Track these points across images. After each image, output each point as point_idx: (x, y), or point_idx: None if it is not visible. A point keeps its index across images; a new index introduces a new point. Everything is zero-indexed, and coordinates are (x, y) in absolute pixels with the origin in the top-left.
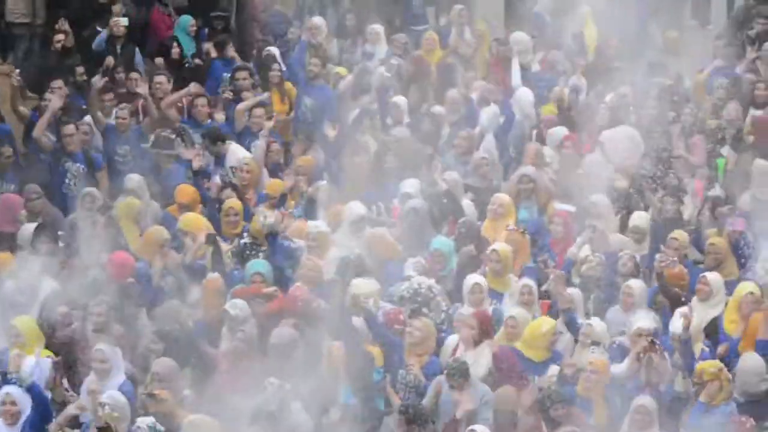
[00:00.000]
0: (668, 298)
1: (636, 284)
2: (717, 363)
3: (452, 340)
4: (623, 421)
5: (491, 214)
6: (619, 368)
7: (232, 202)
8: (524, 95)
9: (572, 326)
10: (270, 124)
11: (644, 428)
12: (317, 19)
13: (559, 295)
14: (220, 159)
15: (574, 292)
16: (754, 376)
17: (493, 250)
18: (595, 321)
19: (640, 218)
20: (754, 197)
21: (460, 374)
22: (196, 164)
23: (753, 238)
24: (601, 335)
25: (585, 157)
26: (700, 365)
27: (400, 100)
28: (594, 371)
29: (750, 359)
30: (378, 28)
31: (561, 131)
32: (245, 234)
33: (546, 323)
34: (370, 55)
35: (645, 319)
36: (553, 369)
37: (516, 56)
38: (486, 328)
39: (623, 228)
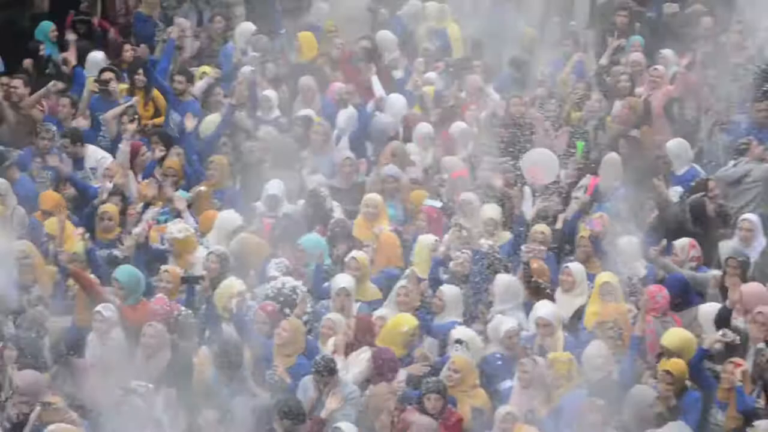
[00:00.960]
0: (530, 290)
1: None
2: (568, 354)
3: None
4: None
5: (364, 215)
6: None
7: (108, 206)
8: (396, 101)
9: (427, 328)
10: (133, 127)
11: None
12: (182, 21)
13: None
14: (78, 161)
15: (446, 289)
16: (598, 360)
17: (353, 257)
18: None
19: (492, 210)
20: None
21: (327, 371)
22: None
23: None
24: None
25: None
26: (552, 355)
27: (271, 94)
28: (456, 370)
29: (594, 346)
30: (249, 27)
31: (425, 128)
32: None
33: (406, 322)
34: (244, 52)
35: (509, 321)
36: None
37: (372, 62)
38: (365, 333)
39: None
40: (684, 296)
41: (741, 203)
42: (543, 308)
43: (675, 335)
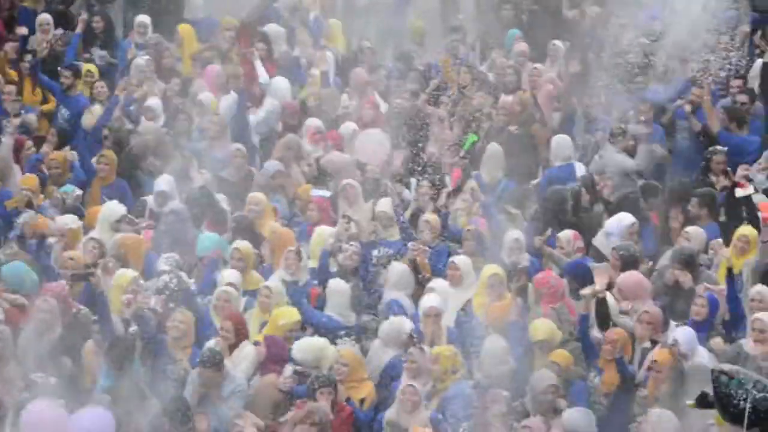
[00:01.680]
0: (419, 282)
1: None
2: (452, 347)
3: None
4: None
5: (250, 214)
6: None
7: None
8: (280, 84)
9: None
10: (17, 121)
11: (412, 410)
12: (44, 16)
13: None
14: None
15: (332, 283)
16: (495, 358)
17: (235, 248)
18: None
19: (385, 204)
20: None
21: (212, 363)
22: None
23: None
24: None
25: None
26: (437, 349)
27: (154, 103)
28: (344, 363)
29: (493, 341)
30: (146, 19)
31: (313, 122)
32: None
33: (283, 316)
34: (141, 46)
35: (408, 323)
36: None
37: (258, 51)
38: (241, 329)
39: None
40: (583, 282)
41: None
42: (429, 300)
43: (541, 325)
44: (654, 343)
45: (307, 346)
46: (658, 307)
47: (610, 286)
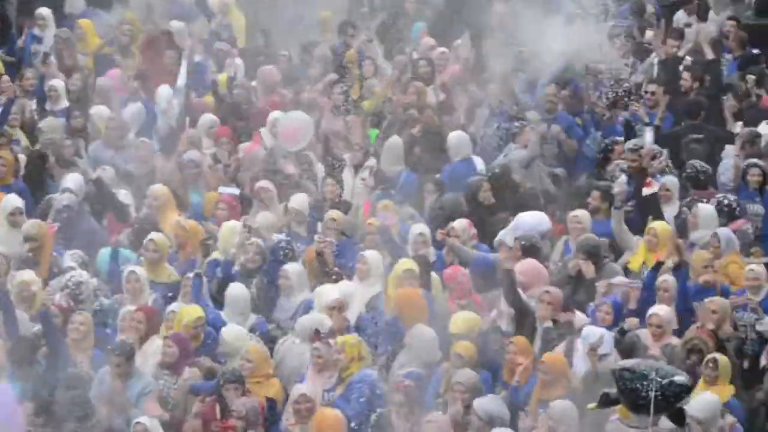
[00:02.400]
0: (323, 277)
1: (292, 268)
2: (356, 336)
3: None
4: None
5: (151, 209)
6: None
7: None
8: (163, 92)
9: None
10: None
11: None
12: None
13: None
14: None
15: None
16: (427, 346)
17: (150, 239)
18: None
19: (297, 201)
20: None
21: (122, 352)
22: None
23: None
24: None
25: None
26: (341, 338)
27: (58, 83)
28: (249, 359)
29: (421, 331)
30: (46, 12)
31: (208, 118)
32: None
33: (187, 314)
34: (39, 39)
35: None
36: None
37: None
38: (153, 323)
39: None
40: (489, 277)
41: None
42: (331, 292)
43: (459, 319)
44: (555, 322)
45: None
46: None
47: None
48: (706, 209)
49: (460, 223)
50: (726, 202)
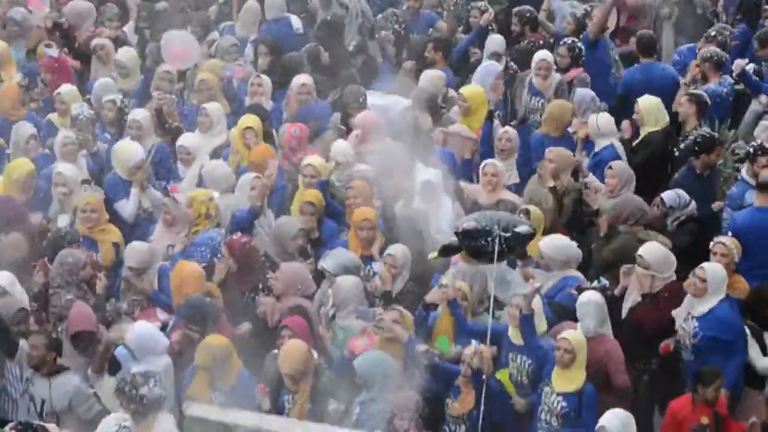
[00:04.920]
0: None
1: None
2: (208, 191)
3: None
4: None
5: None
6: None
7: None
8: None
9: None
10: None
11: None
12: None
13: None
14: None
15: None
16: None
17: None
18: None
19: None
20: None
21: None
22: None
23: None
24: None
25: None
26: (191, 193)
27: None
28: (92, 209)
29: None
30: None
31: None
32: None
33: (24, 165)
34: None
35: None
36: None
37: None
38: None
39: None
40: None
41: None
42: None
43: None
44: None
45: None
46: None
47: None
48: None
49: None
50: (573, 44)
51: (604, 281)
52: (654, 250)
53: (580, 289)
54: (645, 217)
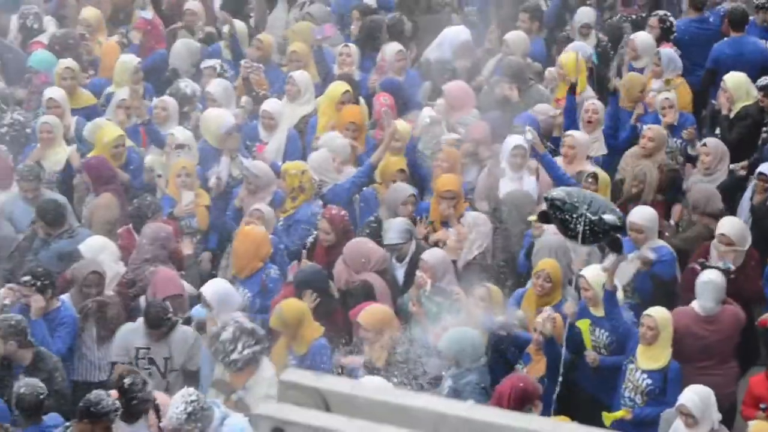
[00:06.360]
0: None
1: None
2: (300, 164)
3: None
4: None
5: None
6: None
7: None
8: None
9: None
10: None
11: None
12: None
13: None
14: None
15: None
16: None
17: (66, 67)
18: None
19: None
20: None
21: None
22: None
23: None
24: None
25: None
26: (285, 165)
27: None
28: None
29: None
30: None
31: None
32: None
33: (113, 131)
34: None
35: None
36: None
37: None
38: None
39: None
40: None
41: None
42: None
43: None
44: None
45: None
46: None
47: None
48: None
49: (391, 48)
50: (665, 17)
51: (729, 263)
52: (733, 225)
53: (704, 266)
54: (719, 209)
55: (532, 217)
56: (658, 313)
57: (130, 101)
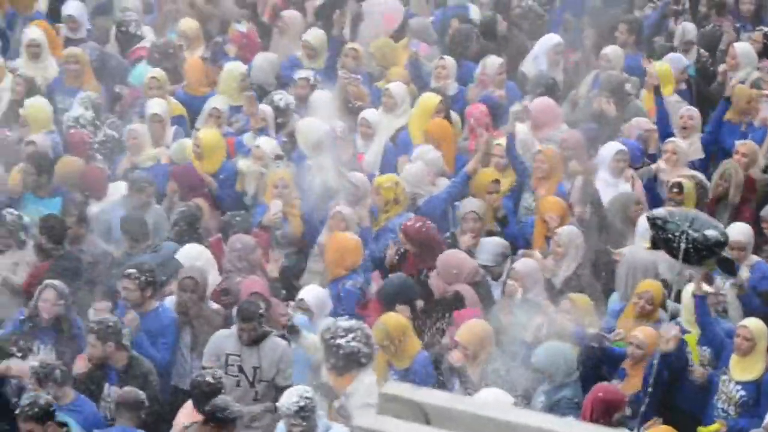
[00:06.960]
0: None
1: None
2: (393, 177)
3: None
4: None
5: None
6: None
7: None
8: None
9: None
10: None
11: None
12: None
13: None
14: None
15: None
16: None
17: (153, 77)
18: None
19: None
20: None
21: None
22: None
23: None
24: None
25: None
26: (378, 179)
27: None
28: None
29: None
30: None
31: None
32: None
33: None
34: None
35: None
36: None
37: None
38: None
39: None
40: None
41: None
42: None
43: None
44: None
45: None
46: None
47: None
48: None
49: (492, 61)
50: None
51: None
52: None
53: None
54: None
55: (646, 244)
56: (753, 323)
57: (246, 108)
